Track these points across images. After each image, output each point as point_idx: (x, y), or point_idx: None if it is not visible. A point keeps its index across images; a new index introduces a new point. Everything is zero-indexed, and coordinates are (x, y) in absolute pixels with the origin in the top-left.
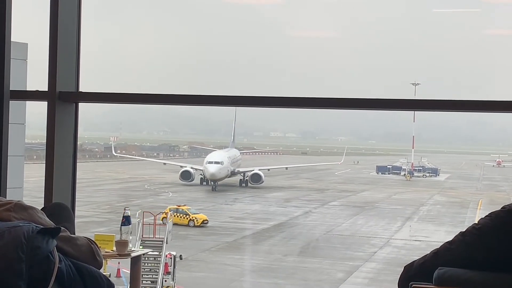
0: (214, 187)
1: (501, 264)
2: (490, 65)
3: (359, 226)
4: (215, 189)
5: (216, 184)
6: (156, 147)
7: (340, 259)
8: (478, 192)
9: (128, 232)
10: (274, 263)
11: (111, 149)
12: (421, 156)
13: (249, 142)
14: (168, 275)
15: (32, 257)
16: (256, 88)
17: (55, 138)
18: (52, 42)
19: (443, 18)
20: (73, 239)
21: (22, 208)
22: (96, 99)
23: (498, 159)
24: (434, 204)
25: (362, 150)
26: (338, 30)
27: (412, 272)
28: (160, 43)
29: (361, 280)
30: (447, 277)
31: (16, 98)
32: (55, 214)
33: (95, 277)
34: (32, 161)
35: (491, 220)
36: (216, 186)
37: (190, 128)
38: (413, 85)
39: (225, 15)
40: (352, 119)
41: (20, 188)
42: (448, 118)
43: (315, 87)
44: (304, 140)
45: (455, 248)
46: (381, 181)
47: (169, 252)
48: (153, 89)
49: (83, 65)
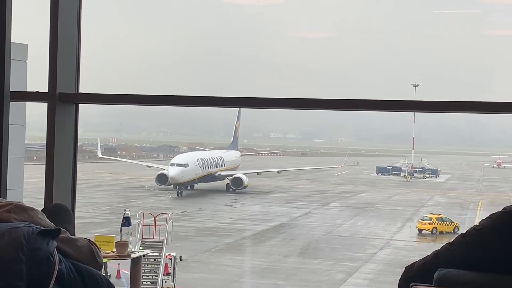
0: (180, 192)
1: (502, 265)
2: (490, 66)
3: (359, 227)
4: (181, 194)
5: (182, 189)
6: (156, 148)
7: (340, 260)
8: (478, 193)
9: (128, 233)
10: (274, 264)
11: (111, 150)
12: (421, 157)
13: (249, 143)
14: (168, 276)
15: (32, 258)
16: (256, 89)
17: (55, 139)
18: (52, 43)
19: (443, 19)
20: (73, 240)
21: (22, 209)
22: (96, 100)
23: (498, 160)
24: (434, 205)
25: (362, 151)
26: (337, 31)
27: (413, 273)
28: (161, 44)
29: (361, 281)
30: (447, 278)
31: (16, 99)
32: (55, 215)
33: (95, 278)
34: (32, 162)
35: (491, 221)
36: (182, 192)
37: (190, 129)
38: (413, 86)
39: (226, 16)
40: (352, 120)
41: (20, 189)
42: (448, 119)
43: (314, 88)
44: (304, 141)
45: (455, 249)
46: (381, 182)
47: (169, 253)
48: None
49: (83, 66)
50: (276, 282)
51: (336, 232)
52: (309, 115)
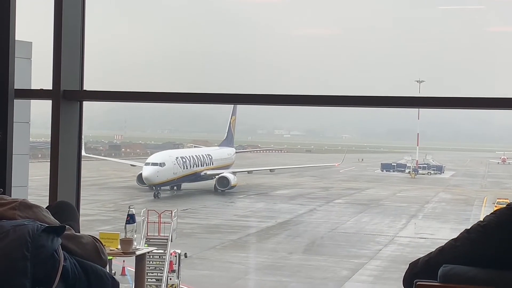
0: (156, 193)
1: (506, 261)
2: (494, 62)
3: (364, 224)
4: (158, 196)
5: (158, 189)
6: (160, 145)
7: (345, 256)
8: (483, 189)
9: (133, 230)
10: (279, 261)
11: (115, 148)
12: (425, 154)
13: (253, 140)
14: (173, 273)
15: (37, 255)
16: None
17: (60, 137)
18: (56, 40)
19: (447, 15)
20: (78, 237)
21: (27, 206)
22: (100, 97)
23: (503, 156)
24: (439, 202)
25: (367, 147)
26: (341, 28)
27: (417, 269)
28: (165, 41)
29: (366, 278)
30: (452, 274)
31: (21, 97)
32: (60, 212)
33: (100, 275)
34: (37, 160)
35: (496, 217)
36: (159, 193)
37: (194, 127)
38: (418, 82)
39: (228, 14)
40: (356, 116)
41: (25, 186)
42: (453, 115)
43: (319, 85)
44: (308, 137)
45: (460, 245)
46: (385, 179)
47: (174, 250)
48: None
49: (87, 64)
50: (281, 279)
51: (341, 228)
52: (313, 112)
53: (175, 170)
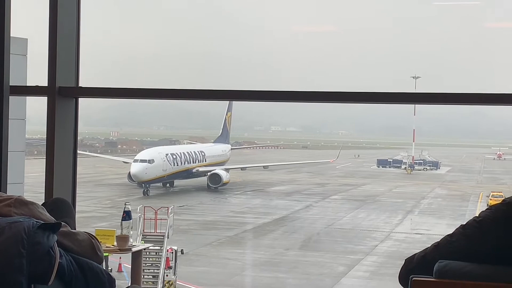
0: (146, 191)
1: (502, 256)
2: (490, 58)
3: (360, 220)
4: (148, 193)
5: (148, 187)
6: (157, 141)
7: (341, 252)
8: (478, 185)
9: (129, 227)
10: (275, 257)
11: (111, 144)
12: (421, 149)
13: (249, 136)
14: (170, 269)
15: (32, 252)
16: (257, 82)
17: (55, 133)
18: (52, 37)
19: (443, 10)
20: (73, 234)
21: (23, 203)
22: (96, 94)
23: (498, 152)
24: (435, 197)
25: (363, 143)
26: (337, 25)
27: (413, 265)
28: (161, 37)
29: (362, 273)
30: (447, 269)
31: (16, 94)
32: (56, 209)
33: (96, 272)
34: (32, 157)
35: (491, 213)
36: (149, 190)
37: (191, 123)
38: (414, 78)
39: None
40: (353, 112)
41: (21, 183)
42: (449, 111)
43: (315, 81)
44: (304, 134)
45: (455, 240)
46: (382, 175)
47: (171, 247)
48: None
49: (83, 60)
50: (277, 275)
51: (337, 224)
52: (310, 109)
53: (164, 167)
